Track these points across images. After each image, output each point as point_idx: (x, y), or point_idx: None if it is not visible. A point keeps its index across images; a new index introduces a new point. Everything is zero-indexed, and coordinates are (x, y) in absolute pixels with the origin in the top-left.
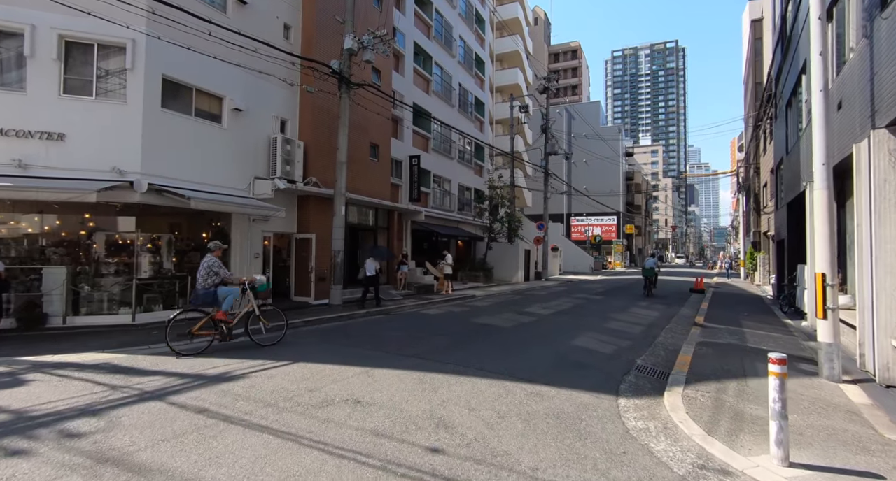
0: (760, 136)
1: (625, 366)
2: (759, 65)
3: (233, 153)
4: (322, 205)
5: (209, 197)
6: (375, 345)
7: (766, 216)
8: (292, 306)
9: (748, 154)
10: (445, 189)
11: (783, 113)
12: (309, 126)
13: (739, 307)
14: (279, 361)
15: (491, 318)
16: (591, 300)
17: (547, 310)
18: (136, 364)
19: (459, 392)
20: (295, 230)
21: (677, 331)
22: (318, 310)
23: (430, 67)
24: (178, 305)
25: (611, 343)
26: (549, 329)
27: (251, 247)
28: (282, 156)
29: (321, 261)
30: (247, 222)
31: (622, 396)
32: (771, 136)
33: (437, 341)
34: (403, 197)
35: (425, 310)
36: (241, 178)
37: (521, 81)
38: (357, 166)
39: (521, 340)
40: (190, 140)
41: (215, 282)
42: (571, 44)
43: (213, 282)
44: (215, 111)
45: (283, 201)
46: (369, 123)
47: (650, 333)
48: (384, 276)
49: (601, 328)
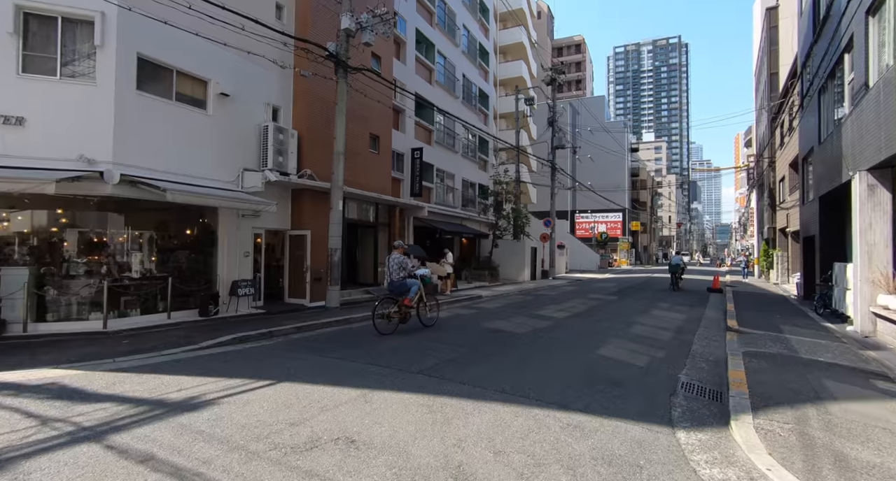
0: (777, 129)
1: (667, 384)
2: (774, 55)
3: (219, 142)
4: (318, 200)
5: (189, 189)
6: (375, 358)
7: (784, 212)
8: (285, 309)
9: (761, 148)
10: (449, 184)
11: (814, 99)
12: (304, 114)
13: (768, 309)
14: (260, 380)
15: (502, 323)
16: (606, 301)
17: (562, 312)
18: (89, 384)
19: (479, 424)
20: (289, 226)
21: (711, 337)
22: (312, 314)
23: (432, 56)
24: (160, 309)
25: (642, 352)
26: (568, 335)
27: (240, 245)
28: (274, 145)
29: (317, 260)
30: (235, 218)
31: (679, 427)
32: (791, 128)
33: (444, 352)
34: (405, 192)
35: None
36: (228, 170)
37: (526, 74)
38: (356, 158)
39: (540, 350)
40: (170, 127)
41: (402, 276)
42: (575, 38)
43: (403, 275)
44: (199, 96)
45: (275, 195)
46: (369, 113)
47: (682, 340)
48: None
49: (626, 334)
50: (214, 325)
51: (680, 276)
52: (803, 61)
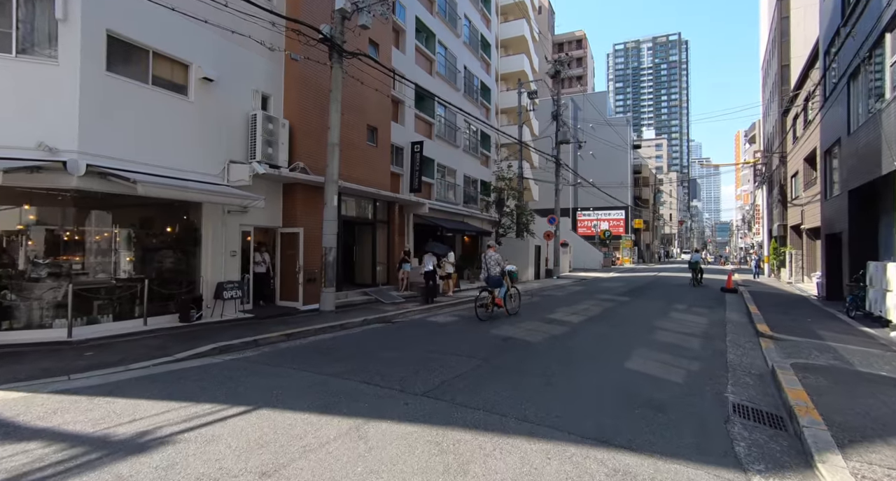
0: (789, 123)
1: (716, 406)
2: (785, 47)
3: (202, 132)
4: (311, 195)
5: (165, 182)
6: (372, 373)
7: (797, 208)
8: (276, 313)
9: (769, 144)
10: (450, 180)
11: (841, 87)
12: (296, 103)
13: (792, 311)
14: (234, 406)
15: (513, 328)
16: (619, 302)
17: (575, 316)
18: (25, 412)
19: (503, 472)
20: (280, 224)
21: (744, 344)
22: (305, 319)
23: (433, 46)
24: (137, 314)
25: (674, 364)
26: (588, 343)
27: (227, 244)
28: (262, 136)
29: (310, 260)
30: (220, 214)
31: (753, 472)
32: (807, 121)
33: (452, 365)
34: (404, 187)
35: (432, 316)
36: (213, 162)
37: (528, 68)
38: (352, 151)
39: (560, 361)
40: (147, 114)
41: (497, 271)
42: (576, 33)
43: (498, 270)
44: (180, 80)
45: (264, 190)
46: (366, 103)
47: (713, 348)
48: (385, 276)
49: (651, 341)
50: (195, 332)
51: (701, 272)
52: (826, 47)
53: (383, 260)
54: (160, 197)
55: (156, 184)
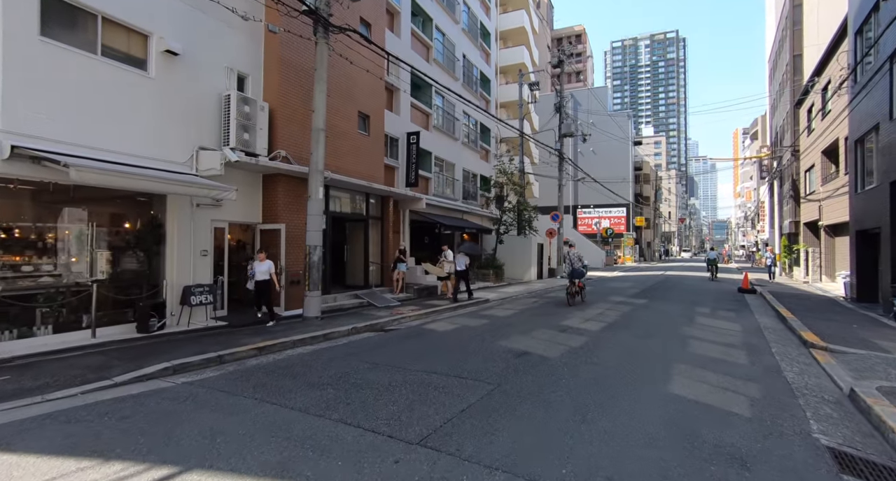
0: (803, 115)
1: (810, 454)
2: (797, 35)
3: (166, 113)
4: (295, 188)
5: (108, 167)
6: (353, 409)
7: (812, 203)
8: (253, 320)
9: (778, 138)
10: (448, 174)
11: (884, 70)
12: (277, 85)
13: (830, 315)
14: (156, 466)
15: (524, 339)
16: (635, 306)
17: (591, 322)
18: None
19: None
20: (259, 219)
21: (795, 356)
22: (284, 328)
23: (430, 31)
24: (84, 324)
25: (727, 387)
26: (617, 360)
27: (196, 241)
28: (237, 119)
29: (293, 260)
30: (188, 208)
31: None
32: (825, 111)
33: (457, 393)
34: (400, 181)
35: (431, 323)
36: (179, 149)
37: (528, 60)
38: (342, 140)
39: (590, 386)
40: (96, 90)
41: (580, 265)
42: (575, 28)
43: (580, 265)
44: (137, 53)
45: (241, 181)
46: (357, 88)
47: (763, 363)
48: (378, 277)
49: (688, 356)
50: (152, 346)
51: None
52: (857, 27)
53: (377, 259)
54: (101, 185)
55: (94, 170)
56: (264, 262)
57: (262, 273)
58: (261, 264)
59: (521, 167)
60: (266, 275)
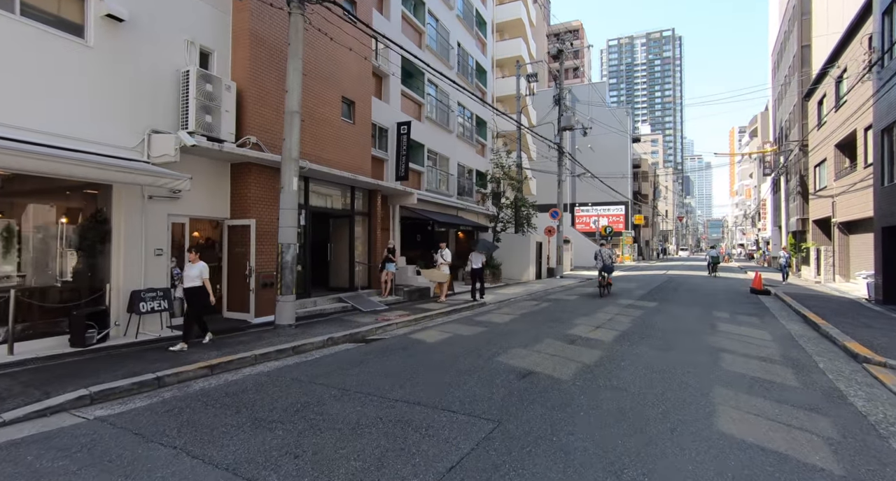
0: (812, 107)
1: None
2: (805, 25)
3: (109, 89)
4: (267, 179)
5: (25, 149)
6: (304, 468)
7: (824, 200)
8: (217, 329)
9: (783, 132)
10: (442, 169)
11: None
12: (247, 63)
13: (863, 320)
14: None
15: (527, 354)
16: (646, 310)
17: (602, 331)
18: None
19: None
20: (227, 214)
21: (850, 374)
22: (251, 338)
23: (422, 16)
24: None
25: (794, 424)
26: (643, 383)
27: (148, 239)
28: (198, 99)
29: (265, 260)
30: (139, 200)
31: None
32: (837, 103)
33: (444, 436)
34: (389, 174)
35: (420, 331)
36: (126, 130)
37: (525, 54)
38: (323, 128)
39: (617, 425)
40: (14, 57)
41: (611, 261)
42: (573, 23)
43: (611, 261)
44: (71, 16)
45: (205, 170)
46: (341, 71)
47: (819, 385)
48: (365, 279)
49: (725, 375)
50: (81, 364)
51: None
52: (887, 5)
53: (363, 259)
54: (12, 168)
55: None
56: (196, 264)
57: (192, 278)
58: (191, 267)
59: (518, 161)
60: (197, 281)
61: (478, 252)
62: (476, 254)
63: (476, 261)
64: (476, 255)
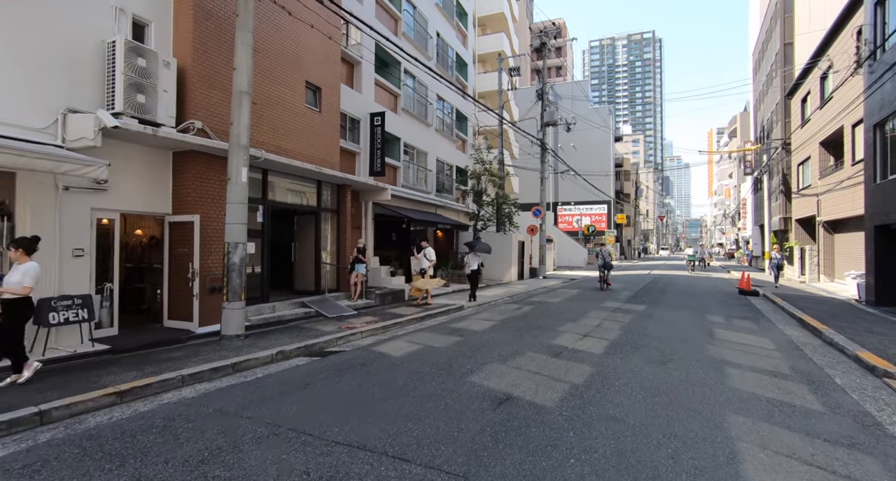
0: (796, 105)
1: None
2: (788, 23)
3: (9, 60)
4: (216, 169)
5: None
6: None
7: (808, 198)
8: (151, 341)
9: (766, 131)
10: (420, 164)
11: None
12: (191, 37)
13: (863, 324)
14: None
15: (506, 370)
16: (635, 314)
17: (590, 340)
18: None
19: None
20: (169, 209)
21: (874, 393)
22: (187, 353)
23: (398, 1)
24: None
25: (839, 471)
26: (642, 408)
27: (64, 237)
28: (127, 75)
29: (212, 262)
30: (50, 191)
31: None
32: (822, 100)
33: None
34: (362, 169)
35: (387, 342)
36: (33, 109)
37: (507, 48)
38: (283, 114)
39: (619, 478)
40: None
41: (610, 260)
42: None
43: (610, 259)
44: None
45: (140, 158)
46: (306, 53)
47: (844, 407)
48: (333, 281)
49: (737, 397)
50: None
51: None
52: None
53: (332, 259)
54: None
55: None
56: (22, 266)
57: (13, 284)
58: (13, 270)
59: (500, 157)
60: (16, 288)
61: (475, 253)
62: (473, 256)
63: (474, 262)
64: (474, 257)
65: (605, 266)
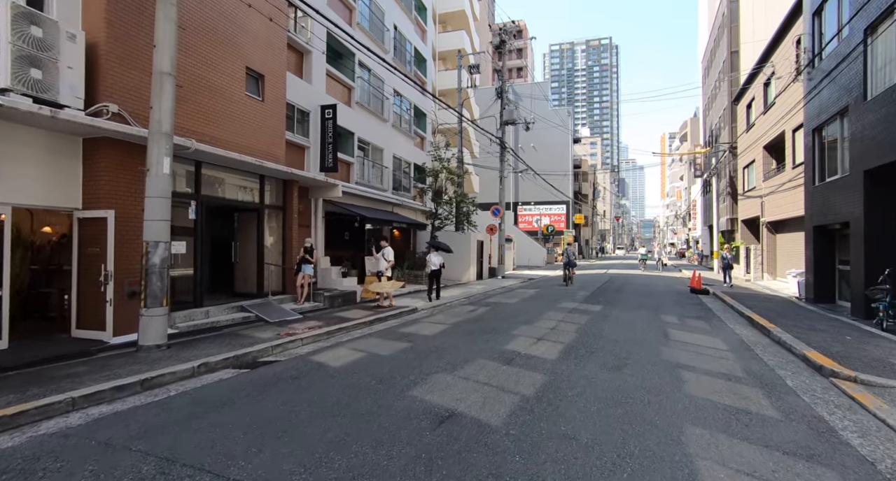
0: (741, 110)
1: None
2: (734, 32)
3: None
4: (134, 159)
5: None
6: None
7: (753, 200)
8: (53, 355)
9: (713, 136)
10: (376, 161)
11: (851, 48)
12: (103, 8)
13: (806, 321)
14: None
15: (453, 381)
16: (591, 314)
17: (544, 344)
18: None
19: None
20: (79, 204)
21: (823, 394)
22: (91, 369)
23: None
24: None
25: None
26: (595, 423)
27: None
28: (16, 45)
29: (130, 263)
30: None
31: None
32: (766, 106)
33: None
34: (312, 164)
35: (328, 350)
36: None
37: (468, 46)
38: (218, 101)
39: None
40: None
41: (574, 259)
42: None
43: (573, 258)
44: None
45: (42, 145)
46: (245, 36)
47: (799, 414)
48: (279, 283)
49: (694, 405)
50: None
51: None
52: (818, 5)
53: (277, 260)
54: None
55: None
56: None
57: None
58: None
59: (459, 155)
60: None
61: (436, 251)
62: (435, 255)
63: (436, 261)
64: (436, 256)
65: (569, 264)
